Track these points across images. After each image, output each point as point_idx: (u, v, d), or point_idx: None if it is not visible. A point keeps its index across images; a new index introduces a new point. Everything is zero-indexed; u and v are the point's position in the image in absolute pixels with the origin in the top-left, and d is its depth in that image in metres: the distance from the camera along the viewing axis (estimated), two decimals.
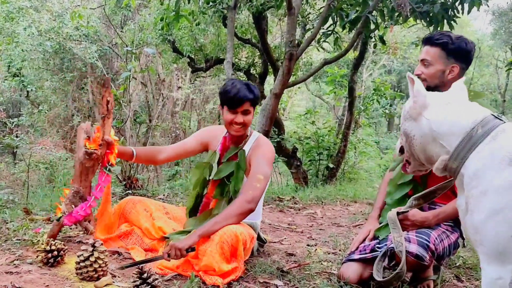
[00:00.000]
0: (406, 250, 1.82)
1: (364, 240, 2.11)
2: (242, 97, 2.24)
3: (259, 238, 2.49)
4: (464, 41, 1.96)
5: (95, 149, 2.24)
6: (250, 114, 2.31)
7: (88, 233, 2.29)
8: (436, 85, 1.98)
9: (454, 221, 2.00)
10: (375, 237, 2.10)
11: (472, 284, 2.26)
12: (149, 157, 2.52)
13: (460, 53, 1.95)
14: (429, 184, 2.02)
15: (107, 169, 2.31)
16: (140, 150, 2.47)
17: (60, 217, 2.23)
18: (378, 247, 2.03)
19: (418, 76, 2.00)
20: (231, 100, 2.25)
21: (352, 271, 2.03)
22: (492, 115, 1.40)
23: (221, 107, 2.36)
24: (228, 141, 2.43)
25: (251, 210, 2.15)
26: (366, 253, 2.04)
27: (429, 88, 1.98)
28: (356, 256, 2.06)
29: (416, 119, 1.46)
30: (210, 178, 2.39)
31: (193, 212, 2.43)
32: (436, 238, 1.89)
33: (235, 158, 2.37)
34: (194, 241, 2.01)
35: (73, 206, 2.23)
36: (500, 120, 1.38)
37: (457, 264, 2.55)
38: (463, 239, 2.02)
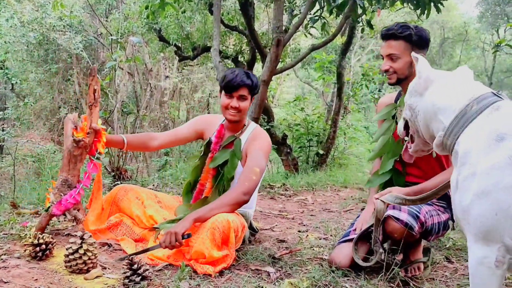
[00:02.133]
0: (396, 217, 1.85)
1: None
2: (239, 81, 2.28)
3: (251, 227, 2.48)
4: (422, 30, 2.03)
5: (82, 137, 2.24)
6: (246, 101, 2.33)
7: (77, 222, 2.26)
8: (406, 77, 2.03)
9: (446, 202, 2.03)
10: None
11: (462, 265, 2.28)
12: (142, 144, 2.50)
13: (422, 42, 2.01)
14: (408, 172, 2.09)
15: (96, 157, 2.30)
16: (131, 138, 2.45)
17: (49, 207, 2.21)
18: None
19: (387, 70, 2.05)
20: (228, 84, 2.28)
21: (343, 255, 2.04)
22: (492, 92, 1.39)
23: (220, 93, 2.38)
24: (225, 128, 2.42)
25: (245, 202, 2.17)
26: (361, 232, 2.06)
27: (398, 81, 2.04)
28: (351, 236, 2.08)
29: (422, 94, 1.49)
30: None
31: (187, 196, 2.43)
32: (426, 212, 1.93)
33: (230, 146, 2.37)
34: (189, 225, 2.01)
35: (61, 194, 2.22)
36: (499, 97, 1.37)
37: (447, 246, 2.57)
38: (453, 221, 2.03)
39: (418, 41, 2.00)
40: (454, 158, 1.41)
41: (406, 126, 1.63)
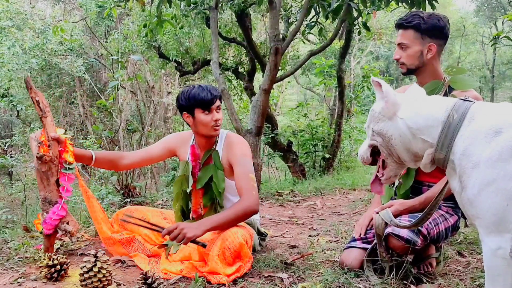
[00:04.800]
0: (396, 235, 1.83)
1: (369, 224, 2.13)
2: (214, 94, 2.25)
3: (259, 232, 2.49)
4: (436, 18, 1.96)
5: (44, 152, 2.17)
6: (221, 110, 2.32)
7: (68, 234, 2.24)
8: (417, 67, 2.00)
9: (455, 203, 1.99)
10: None
11: (475, 258, 2.28)
12: (110, 162, 2.45)
13: (435, 31, 1.95)
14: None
15: (66, 168, 2.24)
16: (100, 155, 2.40)
17: (42, 229, 2.21)
18: None
19: (397, 60, 2.03)
20: (204, 100, 2.23)
21: (353, 257, 2.05)
22: (460, 99, 1.43)
23: (188, 114, 2.29)
24: (197, 148, 2.40)
25: (257, 211, 2.19)
26: (368, 242, 2.07)
27: (409, 71, 2.02)
28: (359, 245, 2.08)
29: (391, 118, 1.47)
30: (189, 190, 2.37)
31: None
32: (430, 223, 1.89)
33: (210, 161, 2.35)
34: (200, 234, 2.01)
35: (45, 213, 2.19)
36: (469, 101, 1.42)
37: (459, 240, 2.57)
38: (465, 218, 2.03)
39: (429, 29, 1.93)
40: (449, 168, 1.43)
41: (374, 153, 1.60)
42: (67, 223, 2.21)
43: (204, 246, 2.03)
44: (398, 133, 1.47)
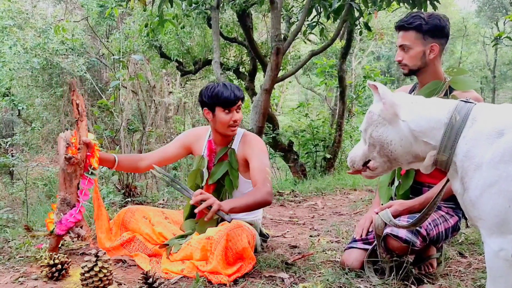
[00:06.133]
0: (395, 235, 1.83)
1: (370, 225, 2.13)
2: (238, 95, 2.28)
3: (261, 233, 2.50)
4: (437, 17, 1.96)
5: (73, 154, 2.21)
6: (241, 110, 2.36)
7: (80, 238, 2.26)
8: (419, 67, 2.00)
9: (455, 203, 2.00)
10: None
11: (476, 259, 2.28)
12: (132, 164, 2.47)
13: (436, 31, 1.95)
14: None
15: (89, 173, 2.28)
16: (122, 158, 2.43)
17: (54, 229, 2.22)
18: None
19: (399, 62, 2.02)
20: (227, 100, 2.25)
21: (354, 258, 2.05)
22: (462, 101, 1.43)
23: (209, 111, 2.31)
24: (214, 144, 2.42)
25: (270, 203, 2.21)
26: (369, 242, 2.07)
27: (411, 72, 2.01)
28: (359, 245, 2.08)
29: (392, 121, 1.45)
30: (203, 184, 2.38)
31: (190, 218, 2.43)
32: (429, 224, 1.89)
33: (225, 158, 2.38)
34: (226, 209, 2.03)
35: (62, 214, 2.21)
36: (471, 103, 1.42)
37: (460, 241, 2.57)
38: (466, 219, 2.03)
39: (430, 30, 1.93)
40: (452, 170, 1.42)
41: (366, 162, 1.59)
42: (81, 227, 2.24)
43: (229, 221, 2.06)
44: (399, 137, 1.45)
